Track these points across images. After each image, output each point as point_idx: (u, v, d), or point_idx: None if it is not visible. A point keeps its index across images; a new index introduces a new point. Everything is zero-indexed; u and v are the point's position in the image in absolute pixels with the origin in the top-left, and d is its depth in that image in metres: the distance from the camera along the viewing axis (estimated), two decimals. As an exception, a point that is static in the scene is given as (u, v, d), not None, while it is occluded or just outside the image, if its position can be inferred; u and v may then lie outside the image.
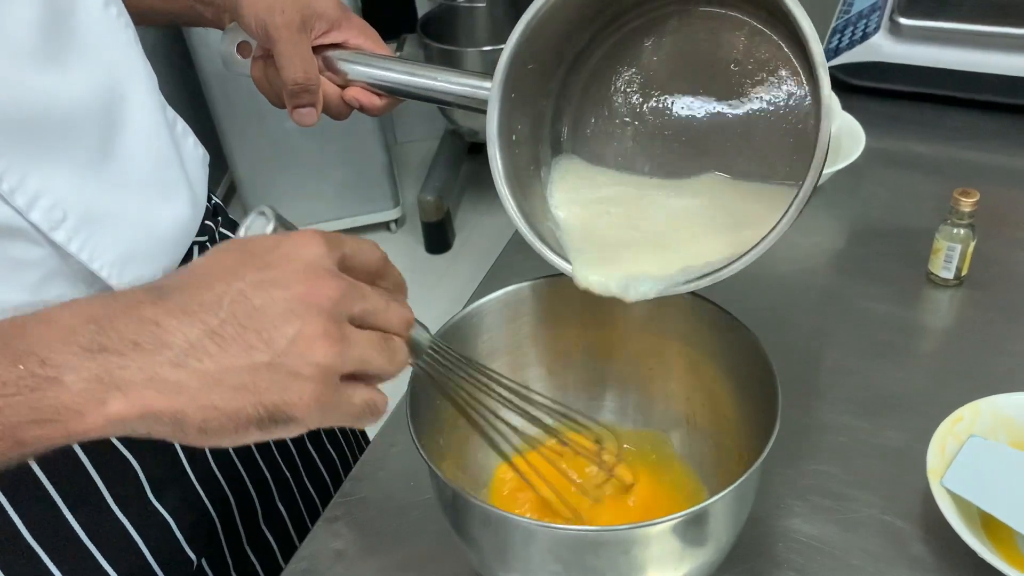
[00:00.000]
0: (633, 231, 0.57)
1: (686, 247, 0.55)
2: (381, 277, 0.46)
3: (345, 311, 0.41)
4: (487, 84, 0.56)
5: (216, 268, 0.40)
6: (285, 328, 0.39)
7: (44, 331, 0.37)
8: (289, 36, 0.60)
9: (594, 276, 0.54)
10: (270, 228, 0.44)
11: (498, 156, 0.56)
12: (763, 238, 0.49)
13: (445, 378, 0.51)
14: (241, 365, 0.38)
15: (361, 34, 0.64)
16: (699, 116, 0.58)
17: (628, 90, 0.59)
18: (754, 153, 0.57)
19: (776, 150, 0.55)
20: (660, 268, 0.53)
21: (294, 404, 0.39)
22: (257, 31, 0.61)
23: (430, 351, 0.50)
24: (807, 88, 0.51)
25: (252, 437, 0.39)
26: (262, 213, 0.45)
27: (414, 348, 0.48)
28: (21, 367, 0.36)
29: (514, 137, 0.57)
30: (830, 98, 0.46)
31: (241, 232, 0.45)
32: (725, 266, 0.51)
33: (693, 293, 0.53)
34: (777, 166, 0.55)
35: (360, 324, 0.42)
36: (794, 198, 0.48)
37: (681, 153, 0.59)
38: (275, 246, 0.41)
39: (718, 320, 0.58)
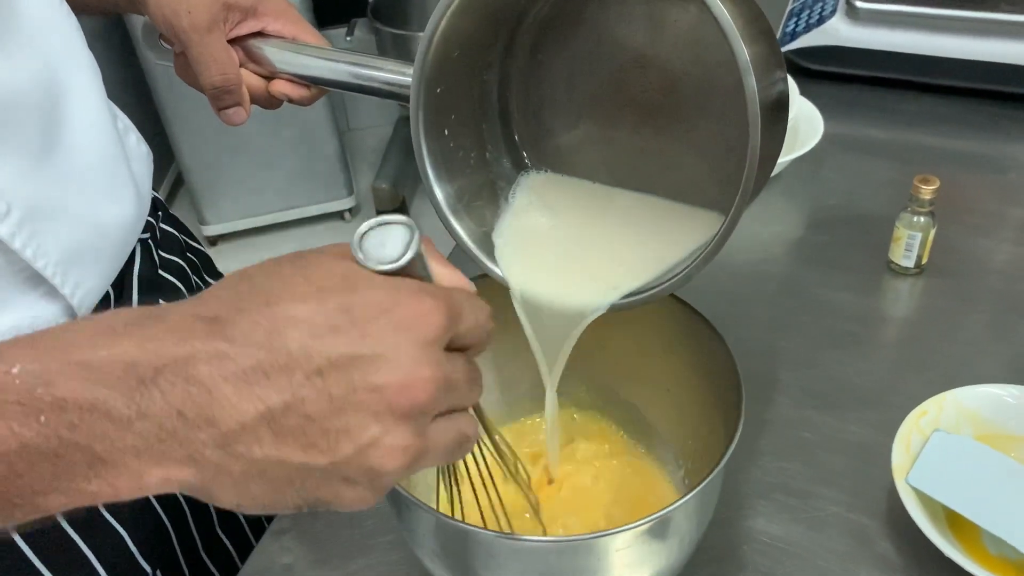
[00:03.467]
0: (574, 245, 0.56)
1: (626, 263, 0.54)
2: (477, 351, 0.38)
3: (433, 412, 0.34)
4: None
5: (296, 311, 0.32)
6: (359, 434, 0.32)
7: (73, 375, 0.30)
8: (199, 39, 0.57)
9: (528, 287, 0.53)
10: (404, 261, 0.34)
11: (424, 149, 0.53)
12: (691, 262, 0.48)
13: None
14: (293, 463, 0.32)
15: (280, 19, 0.60)
16: (648, 100, 0.55)
17: (576, 63, 0.56)
18: (703, 156, 0.54)
19: (721, 160, 0.53)
20: (596, 285, 0.52)
21: (341, 504, 0.34)
22: (166, 32, 0.58)
23: None
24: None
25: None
26: (408, 226, 0.34)
27: None
28: (43, 419, 0.30)
29: (447, 132, 0.54)
30: (756, 115, 0.42)
31: (355, 241, 0.34)
32: (656, 287, 0.50)
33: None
34: (724, 175, 0.53)
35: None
36: (722, 224, 0.46)
37: (630, 146, 0.56)
38: (384, 311, 0.33)
39: (684, 318, 0.56)
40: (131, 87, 2.18)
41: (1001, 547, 0.57)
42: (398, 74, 0.55)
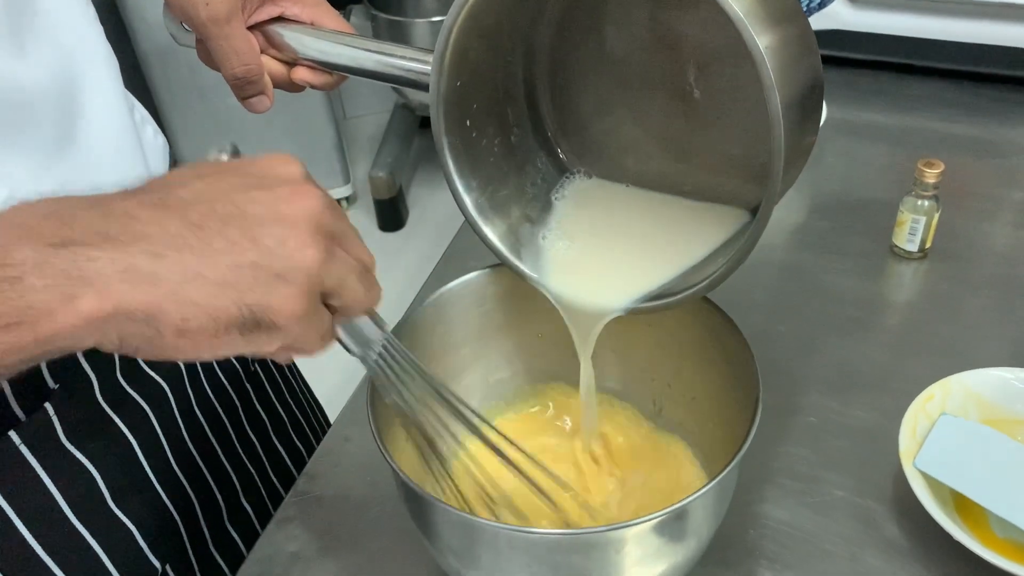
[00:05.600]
0: (601, 250, 0.56)
1: (652, 267, 0.54)
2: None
3: (327, 224, 0.39)
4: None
5: (191, 174, 0.38)
6: (272, 228, 0.37)
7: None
8: (218, 31, 0.55)
9: (565, 289, 0.55)
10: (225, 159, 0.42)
11: (445, 143, 0.52)
12: (718, 268, 0.49)
13: (395, 384, 0.48)
14: (225, 261, 0.35)
15: (299, 2, 0.59)
16: (678, 86, 0.54)
17: (604, 44, 0.55)
18: (733, 147, 0.54)
19: (751, 150, 0.52)
20: (628, 286, 0.53)
21: (279, 309, 0.36)
22: (185, 21, 0.57)
23: (383, 348, 0.46)
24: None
25: (233, 344, 0.36)
26: (222, 150, 0.42)
27: (363, 340, 0.45)
28: None
29: (468, 122, 0.53)
30: (780, 131, 0.41)
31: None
32: (686, 290, 0.51)
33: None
34: (756, 167, 0.52)
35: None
36: (751, 230, 0.47)
37: (659, 135, 0.56)
38: (251, 162, 0.39)
39: (704, 314, 0.56)
40: (125, 74, 2.16)
41: (1008, 530, 0.57)
42: (420, 62, 0.53)
